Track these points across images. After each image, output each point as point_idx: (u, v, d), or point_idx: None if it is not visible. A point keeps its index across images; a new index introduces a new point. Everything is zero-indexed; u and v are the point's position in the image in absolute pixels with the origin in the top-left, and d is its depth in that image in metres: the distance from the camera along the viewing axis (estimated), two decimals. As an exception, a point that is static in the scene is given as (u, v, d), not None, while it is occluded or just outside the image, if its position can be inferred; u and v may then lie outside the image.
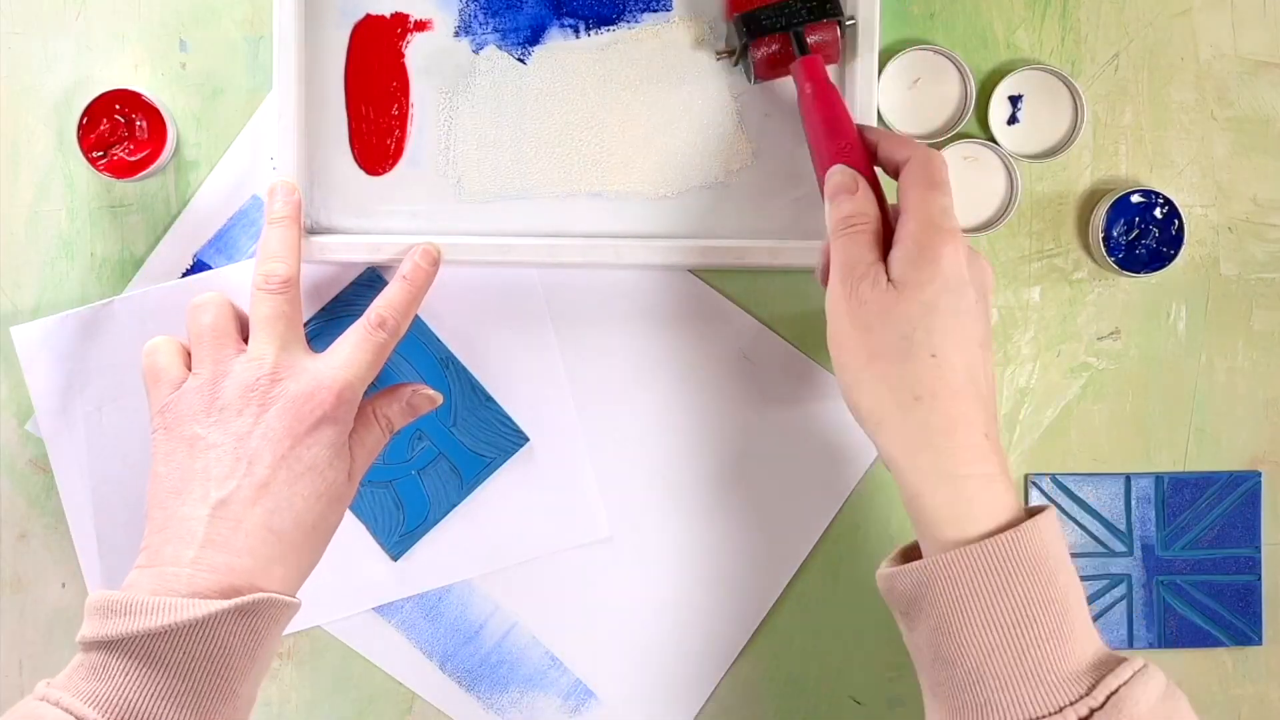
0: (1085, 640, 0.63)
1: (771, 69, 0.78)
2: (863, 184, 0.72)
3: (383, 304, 0.75)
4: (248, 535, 0.67)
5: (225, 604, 0.64)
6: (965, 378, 0.66)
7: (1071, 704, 0.61)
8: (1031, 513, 0.66)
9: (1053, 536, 0.64)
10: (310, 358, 0.73)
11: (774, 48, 0.77)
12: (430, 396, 0.78)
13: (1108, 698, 0.61)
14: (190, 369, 0.72)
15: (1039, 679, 0.61)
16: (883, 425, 0.67)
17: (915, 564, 0.65)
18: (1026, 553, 0.63)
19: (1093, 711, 0.60)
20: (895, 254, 0.68)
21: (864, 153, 0.74)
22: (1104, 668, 0.62)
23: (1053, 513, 0.65)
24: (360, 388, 0.72)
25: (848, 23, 0.79)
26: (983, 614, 0.62)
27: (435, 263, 0.78)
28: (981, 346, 0.68)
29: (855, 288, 0.68)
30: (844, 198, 0.72)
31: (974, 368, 0.67)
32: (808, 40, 0.77)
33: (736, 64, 0.81)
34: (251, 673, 0.66)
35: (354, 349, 0.73)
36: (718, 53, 0.81)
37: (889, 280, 0.67)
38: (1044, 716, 0.61)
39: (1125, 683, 0.61)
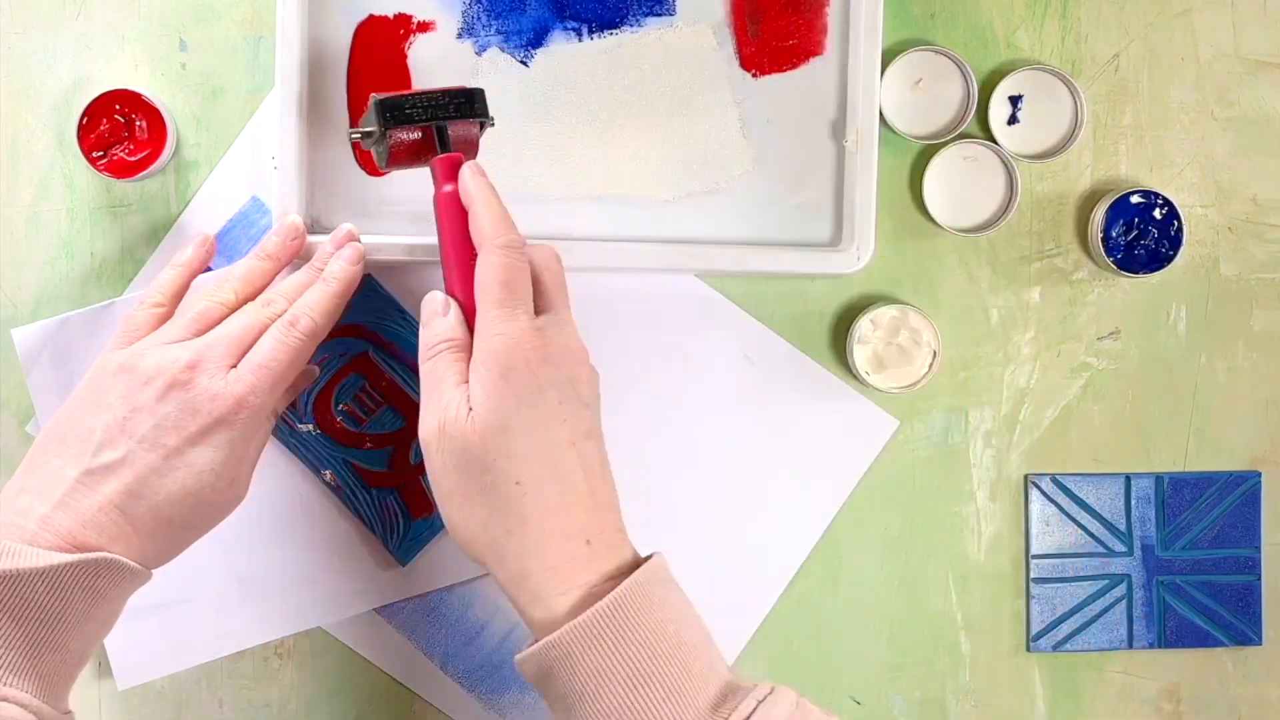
0: (705, 681, 0.63)
1: (409, 159, 0.74)
2: (454, 308, 0.70)
3: (302, 304, 0.73)
4: (100, 510, 0.66)
5: (69, 558, 0.64)
6: (557, 489, 0.66)
7: None
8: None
9: (653, 586, 0.65)
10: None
11: (414, 136, 0.73)
12: (309, 371, 0.75)
13: None
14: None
15: None
16: (484, 559, 0.67)
17: (533, 648, 0.65)
18: (626, 614, 0.63)
19: None
20: (471, 380, 0.67)
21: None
22: (729, 705, 0.63)
23: (654, 562, 0.66)
24: (270, 393, 0.69)
25: (489, 125, 0.76)
26: (598, 683, 0.62)
27: (361, 261, 0.76)
28: (575, 445, 0.67)
29: (440, 424, 0.66)
30: (434, 320, 0.70)
31: (569, 473, 0.66)
32: (450, 136, 0.74)
33: (369, 148, 0.76)
34: (85, 629, 0.66)
35: (269, 352, 0.70)
36: (351, 133, 0.76)
37: (470, 409, 0.66)
38: None
39: (750, 715, 0.62)
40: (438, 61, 0.81)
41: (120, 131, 0.80)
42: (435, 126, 0.73)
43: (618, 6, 0.82)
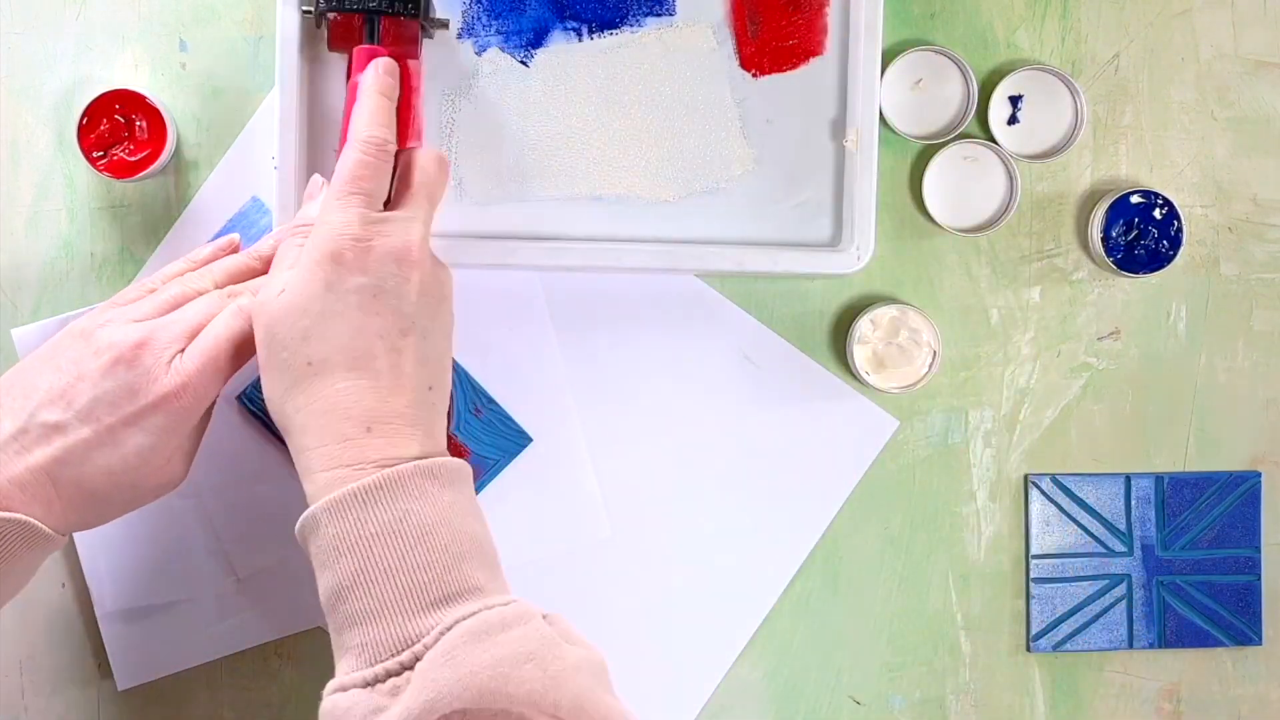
0: (441, 577, 0.62)
1: (344, 44, 0.76)
2: (323, 195, 0.71)
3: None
4: (28, 470, 0.66)
5: None
6: (349, 376, 0.66)
7: (409, 646, 0.60)
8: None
9: (421, 480, 0.64)
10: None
11: (348, 21, 0.76)
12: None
13: (440, 634, 0.60)
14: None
15: (391, 619, 0.61)
16: (282, 430, 0.68)
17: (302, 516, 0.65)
18: (373, 498, 0.63)
19: (427, 648, 0.60)
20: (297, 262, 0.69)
21: None
22: (456, 603, 0.62)
23: (438, 461, 0.65)
24: (212, 381, 0.69)
25: (435, 27, 0.78)
26: (334, 557, 0.63)
27: (266, 263, 0.75)
28: (384, 338, 0.67)
29: (261, 301, 0.68)
30: (305, 205, 0.73)
31: (368, 363, 0.66)
32: (380, 29, 0.75)
33: (318, 26, 0.77)
34: None
35: (211, 339, 0.69)
36: (302, 6, 0.78)
37: (283, 289, 0.67)
38: (388, 658, 0.60)
39: (470, 615, 0.61)
40: (438, 61, 0.81)
41: (120, 131, 0.80)
42: (367, 16, 0.75)
43: (618, 6, 0.82)
